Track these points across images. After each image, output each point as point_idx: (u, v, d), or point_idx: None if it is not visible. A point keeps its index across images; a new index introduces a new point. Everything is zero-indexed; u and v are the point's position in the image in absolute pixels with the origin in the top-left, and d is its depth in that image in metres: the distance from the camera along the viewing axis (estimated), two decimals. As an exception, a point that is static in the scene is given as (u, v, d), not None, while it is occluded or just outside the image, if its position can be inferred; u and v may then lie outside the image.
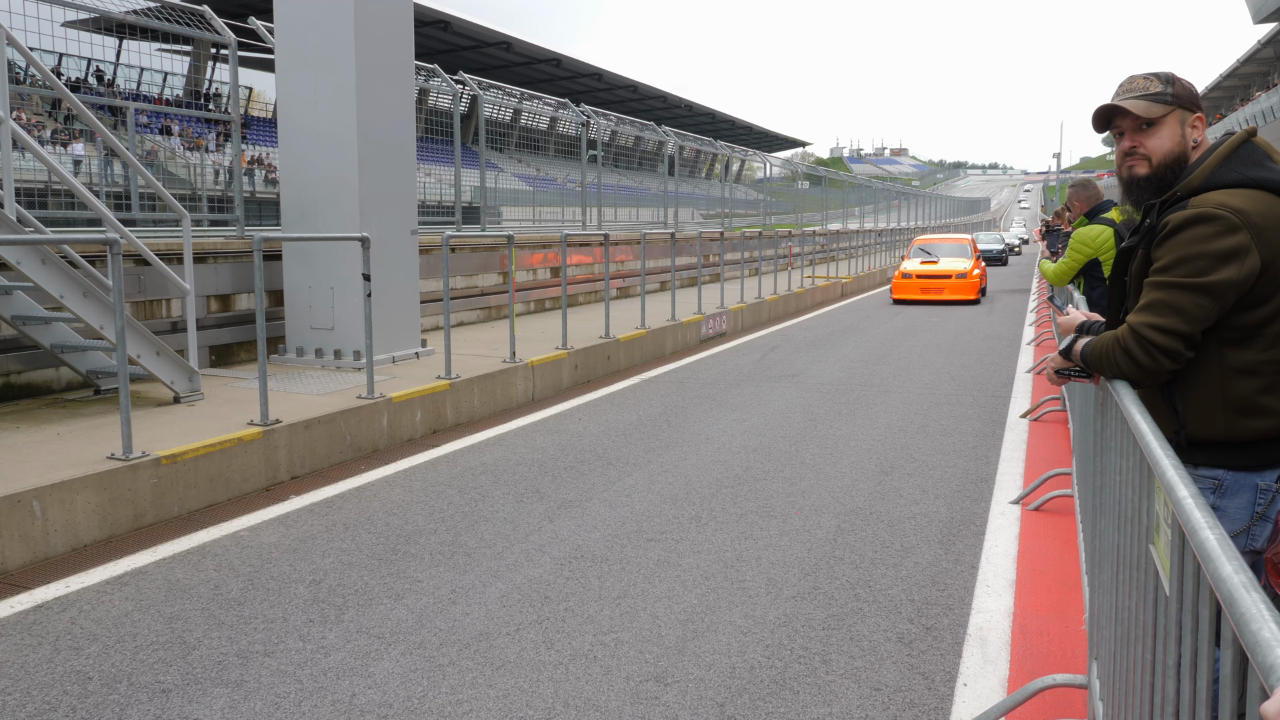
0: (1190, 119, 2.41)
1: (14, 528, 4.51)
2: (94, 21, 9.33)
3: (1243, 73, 61.53)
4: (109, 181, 11.95)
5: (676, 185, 22.40)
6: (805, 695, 3.23)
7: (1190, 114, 2.41)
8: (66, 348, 6.70)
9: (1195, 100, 2.43)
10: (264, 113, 28.90)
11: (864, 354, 11.74)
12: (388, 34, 8.50)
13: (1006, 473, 6.11)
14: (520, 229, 16.77)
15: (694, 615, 3.87)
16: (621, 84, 46.61)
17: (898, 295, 19.42)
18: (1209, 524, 1.38)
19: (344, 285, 8.27)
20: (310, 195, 8.42)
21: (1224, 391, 2.24)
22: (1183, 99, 2.41)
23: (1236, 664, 1.20)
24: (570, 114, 17.84)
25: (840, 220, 36.07)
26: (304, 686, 3.29)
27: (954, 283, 19.03)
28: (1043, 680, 3.08)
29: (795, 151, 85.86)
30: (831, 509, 5.34)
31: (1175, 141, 2.40)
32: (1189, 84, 2.43)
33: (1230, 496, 2.26)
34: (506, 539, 4.83)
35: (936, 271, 19.31)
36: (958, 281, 19.02)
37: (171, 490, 5.30)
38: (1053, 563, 4.46)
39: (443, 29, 33.49)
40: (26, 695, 3.23)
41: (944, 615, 3.88)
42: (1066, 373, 2.63)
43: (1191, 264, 2.20)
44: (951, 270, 19.18)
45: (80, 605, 4.03)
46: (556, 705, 3.16)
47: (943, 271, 19.25)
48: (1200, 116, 2.43)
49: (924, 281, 19.31)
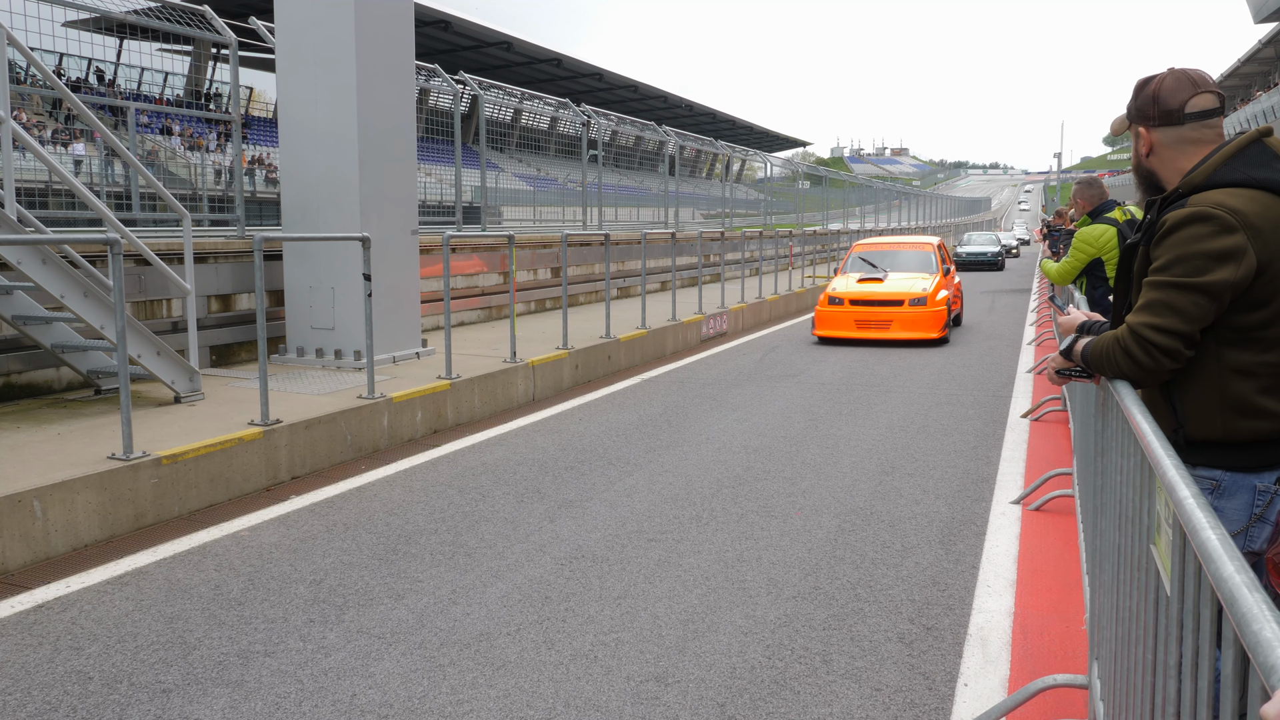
0: (1138, 131, 2.45)
1: (15, 527, 4.51)
2: (94, 21, 9.33)
3: (1243, 72, 61.51)
4: (110, 181, 11.96)
5: (677, 185, 22.40)
6: (806, 695, 3.22)
7: (1138, 126, 2.44)
8: (67, 348, 6.70)
9: (1147, 111, 2.41)
10: (264, 113, 28.90)
11: (865, 354, 11.74)
12: (388, 34, 8.50)
13: (1007, 473, 6.10)
14: (521, 229, 16.77)
15: (695, 615, 3.87)
16: (622, 84, 46.60)
17: (822, 331, 12.80)
18: (1210, 524, 1.38)
19: (344, 285, 8.27)
20: (311, 195, 8.42)
21: (1222, 392, 2.24)
22: (1133, 112, 2.46)
23: (1238, 664, 1.20)
24: (571, 114, 17.84)
25: (841, 220, 36.06)
26: (305, 686, 3.29)
27: (907, 313, 12.43)
28: (1043, 680, 3.08)
29: (796, 151, 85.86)
30: (832, 509, 5.33)
31: (1134, 154, 2.54)
32: (1151, 92, 2.40)
33: (1228, 498, 2.26)
34: (507, 539, 4.83)
35: (880, 295, 12.67)
36: (912, 311, 12.42)
37: (172, 490, 5.30)
38: (1053, 563, 4.45)
39: (443, 29, 33.48)
40: (27, 695, 3.23)
41: (945, 615, 3.88)
42: (1067, 373, 2.63)
43: (1188, 264, 2.20)
44: (903, 293, 12.60)
45: (81, 605, 4.02)
46: (557, 705, 3.16)
47: (889, 295, 12.63)
48: (1141, 130, 2.43)
49: (860, 311, 12.56)
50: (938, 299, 12.47)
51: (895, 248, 14.59)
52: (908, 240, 15.00)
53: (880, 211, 43.76)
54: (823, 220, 34.32)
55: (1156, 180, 2.44)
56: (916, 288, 12.62)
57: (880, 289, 12.69)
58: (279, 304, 8.93)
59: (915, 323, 12.27)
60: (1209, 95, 2.35)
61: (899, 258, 14.05)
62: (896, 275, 13.27)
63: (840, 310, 12.58)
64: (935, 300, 12.42)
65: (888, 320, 12.34)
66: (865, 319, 12.45)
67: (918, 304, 12.33)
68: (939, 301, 12.45)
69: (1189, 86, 2.35)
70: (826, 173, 36.82)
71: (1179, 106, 2.35)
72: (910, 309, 12.34)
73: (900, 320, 12.31)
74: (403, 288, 8.75)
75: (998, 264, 31.90)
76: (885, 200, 46.08)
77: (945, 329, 12.45)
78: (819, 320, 12.72)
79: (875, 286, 12.78)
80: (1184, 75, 2.38)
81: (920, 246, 14.38)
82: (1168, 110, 2.36)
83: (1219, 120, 2.39)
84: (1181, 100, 2.34)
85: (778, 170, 35.60)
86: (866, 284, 12.87)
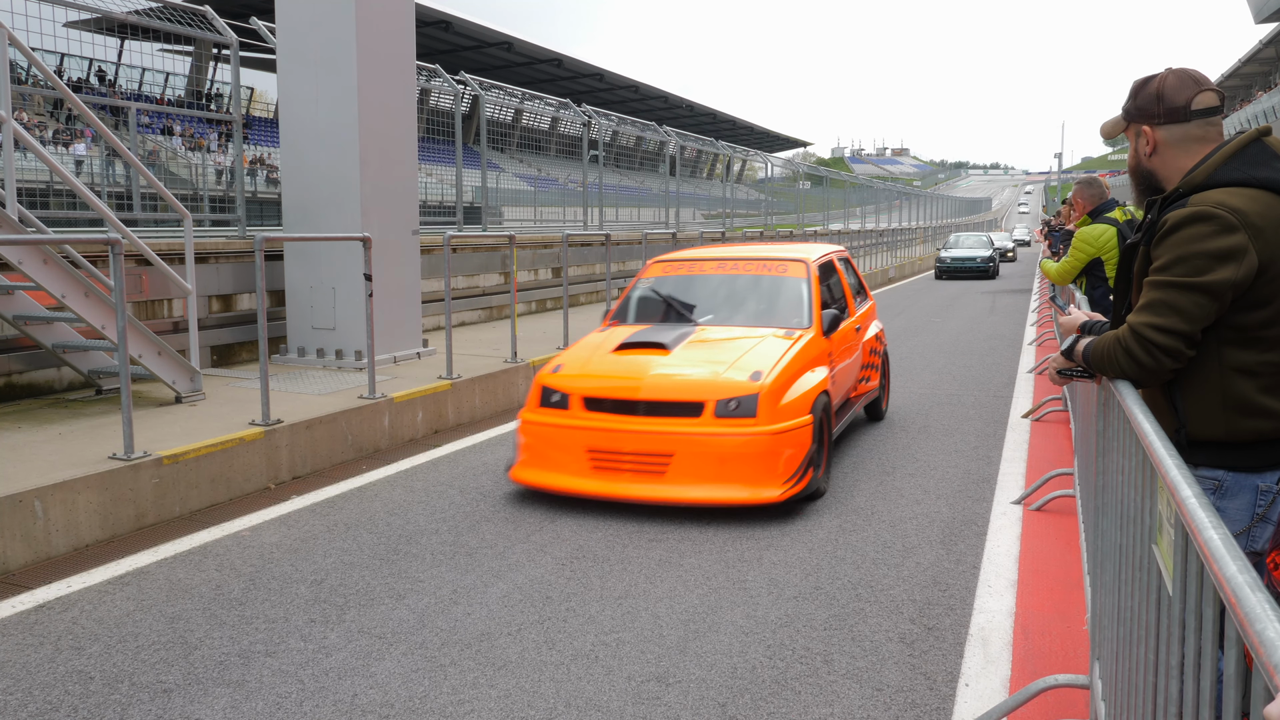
0: (1140, 130, 2.43)
1: (16, 527, 4.51)
2: (96, 22, 9.34)
3: (1244, 73, 61.52)
4: (111, 182, 11.96)
5: (678, 185, 22.41)
6: (807, 695, 3.22)
7: (1140, 125, 2.43)
8: (68, 348, 6.71)
9: (1151, 109, 2.39)
10: (265, 113, 28.90)
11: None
12: (389, 34, 8.50)
13: (1008, 473, 6.10)
14: (522, 229, 16.77)
15: (695, 615, 3.87)
16: (623, 84, 46.61)
17: (526, 471, 5.54)
18: (1213, 523, 1.38)
19: (345, 285, 8.28)
20: (312, 195, 8.42)
21: (1224, 392, 2.24)
22: (1134, 112, 2.44)
23: (1240, 664, 1.20)
24: (572, 114, 17.85)
25: (842, 220, 36.03)
26: (305, 686, 3.29)
27: (703, 439, 5.16)
28: (1045, 680, 3.08)
29: (796, 151, 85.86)
30: (833, 509, 5.33)
31: (1132, 155, 2.51)
32: (1154, 90, 2.38)
33: (1230, 498, 2.26)
34: (508, 539, 4.83)
35: (647, 393, 5.34)
36: (717, 435, 5.16)
37: (173, 490, 5.31)
38: (1054, 563, 4.45)
39: (444, 29, 33.49)
40: (28, 695, 3.23)
41: (946, 615, 3.88)
42: (1068, 373, 2.63)
43: (1189, 263, 2.20)
44: (701, 387, 5.32)
45: (82, 605, 4.03)
46: (558, 705, 3.15)
47: (668, 393, 5.32)
48: (1145, 128, 2.40)
49: (603, 430, 5.34)
50: (788, 399, 5.35)
51: (731, 268, 6.95)
52: (758, 255, 7.08)
53: (881, 212, 43.73)
54: (823, 221, 34.32)
55: (1157, 181, 2.43)
56: (736, 372, 5.42)
57: (655, 375, 5.46)
58: (280, 304, 8.93)
59: (720, 463, 5.14)
60: (1211, 93, 2.36)
61: (731, 292, 6.71)
62: (702, 343, 5.91)
63: (563, 425, 5.46)
64: (780, 403, 5.30)
65: (659, 459, 5.21)
66: (610, 453, 5.31)
67: (734, 414, 5.21)
68: (792, 405, 5.34)
69: (1192, 84, 2.36)
70: (827, 173, 36.80)
71: (1185, 103, 2.35)
72: (712, 430, 5.19)
73: (688, 457, 5.17)
74: (404, 288, 8.75)
75: (989, 271, 27.19)
76: (886, 201, 46.04)
77: (799, 476, 5.19)
78: (523, 447, 5.61)
79: (647, 367, 5.56)
80: (1186, 73, 2.38)
81: (778, 268, 6.78)
82: (1174, 107, 2.36)
83: (1220, 119, 2.39)
84: (1187, 97, 2.34)
85: (778, 170, 35.62)
86: (634, 356, 5.74)
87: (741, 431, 5.13)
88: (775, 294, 6.58)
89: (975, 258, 27.34)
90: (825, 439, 5.67)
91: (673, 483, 5.13)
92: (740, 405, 5.18)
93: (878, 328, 7.82)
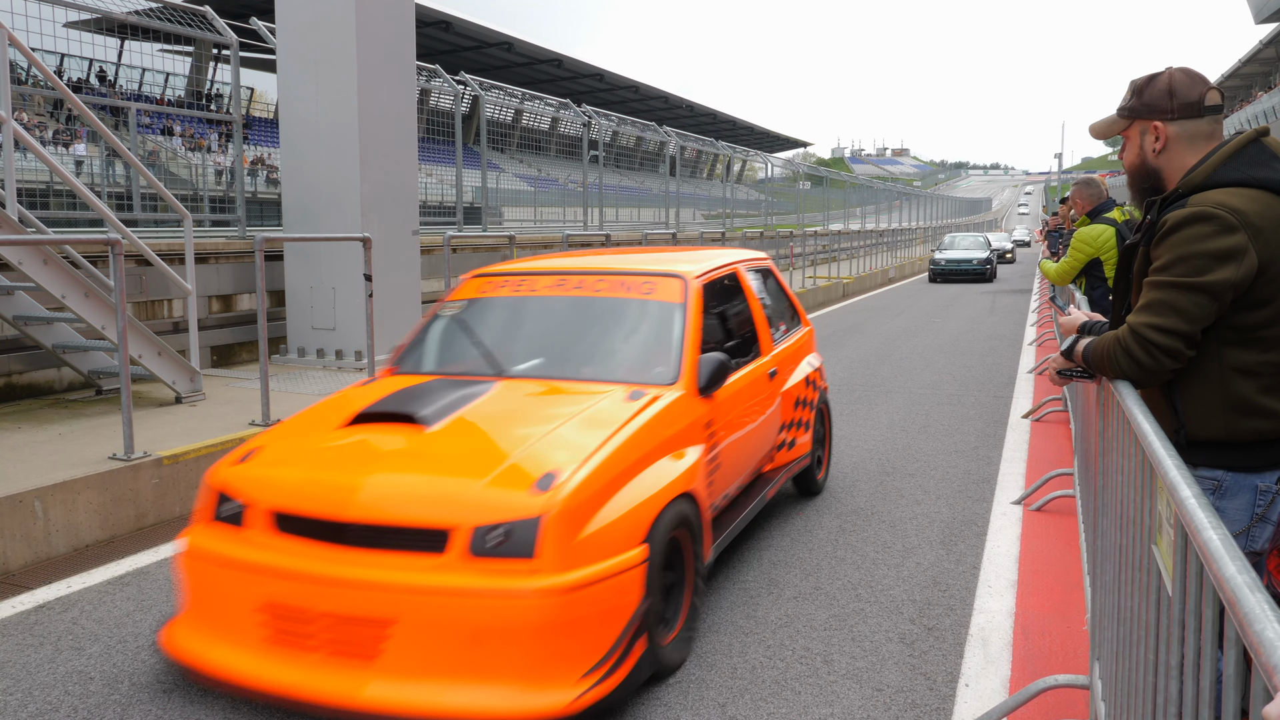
0: (1149, 126, 2.39)
1: (16, 528, 4.51)
2: (96, 22, 9.34)
3: (1244, 73, 61.52)
4: (111, 182, 11.97)
5: (678, 186, 22.42)
6: (807, 695, 3.22)
7: (1150, 121, 2.38)
8: (68, 348, 6.71)
9: (1162, 105, 2.36)
10: (265, 113, 28.89)
11: (866, 354, 11.74)
12: (389, 34, 8.50)
13: (1008, 473, 6.10)
14: (522, 229, 16.77)
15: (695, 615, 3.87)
16: (623, 84, 46.61)
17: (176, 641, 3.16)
18: (1213, 524, 1.38)
19: (345, 285, 8.28)
20: (312, 196, 8.43)
21: (1223, 392, 2.24)
22: (1141, 109, 2.40)
23: (1240, 664, 1.20)
24: (572, 114, 17.86)
25: (842, 221, 36.04)
26: (305, 687, 3.28)
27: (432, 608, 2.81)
28: (1045, 681, 3.08)
29: (796, 152, 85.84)
30: (833, 509, 5.33)
31: (1136, 154, 2.45)
32: (1164, 86, 2.36)
33: (1230, 498, 2.26)
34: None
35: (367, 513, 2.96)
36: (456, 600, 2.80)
37: (173, 490, 5.30)
38: (1054, 563, 4.45)
39: (444, 29, 33.49)
40: (28, 695, 3.23)
41: (946, 616, 3.88)
42: (1068, 373, 2.63)
43: (1189, 263, 2.20)
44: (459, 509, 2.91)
45: (82, 605, 4.03)
46: (558, 705, 3.15)
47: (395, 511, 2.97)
48: (1157, 124, 2.37)
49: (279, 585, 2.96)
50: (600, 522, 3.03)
51: (577, 287, 4.44)
52: (620, 268, 4.56)
53: (881, 212, 43.76)
54: (824, 221, 34.33)
55: (1159, 179, 2.42)
56: (513, 474, 3.05)
57: (380, 478, 3.12)
58: (280, 304, 8.94)
59: (469, 643, 2.80)
60: (1216, 92, 2.37)
61: (574, 324, 4.41)
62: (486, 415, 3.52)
63: (234, 558, 3.10)
64: (582, 531, 2.97)
65: (371, 629, 2.86)
66: (297, 613, 2.96)
67: (498, 552, 2.86)
68: (605, 534, 3.02)
69: (1201, 81, 2.37)
70: (827, 173, 36.83)
71: (1199, 98, 2.34)
72: (460, 581, 2.83)
73: (417, 629, 2.82)
74: (404, 288, 8.75)
75: (985, 274, 26.21)
76: (886, 201, 46.08)
77: (612, 663, 2.93)
78: (185, 590, 3.27)
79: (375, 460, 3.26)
80: (1191, 71, 2.39)
81: (641, 288, 4.34)
82: (1188, 102, 2.34)
83: (1222, 119, 2.40)
84: (1199, 93, 2.34)
85: (778, 171, 35.63)
86: (367, 437, 3.39)
87: (509, 586, 2.81)
88: (632, 328, 4.27)
89: (971, 260, 26.33)
90: (689, 572, 3.50)
91: (389, 675, 2.82)
92: (510, 537, 2.87)
93: (812, 366, 5.55)
